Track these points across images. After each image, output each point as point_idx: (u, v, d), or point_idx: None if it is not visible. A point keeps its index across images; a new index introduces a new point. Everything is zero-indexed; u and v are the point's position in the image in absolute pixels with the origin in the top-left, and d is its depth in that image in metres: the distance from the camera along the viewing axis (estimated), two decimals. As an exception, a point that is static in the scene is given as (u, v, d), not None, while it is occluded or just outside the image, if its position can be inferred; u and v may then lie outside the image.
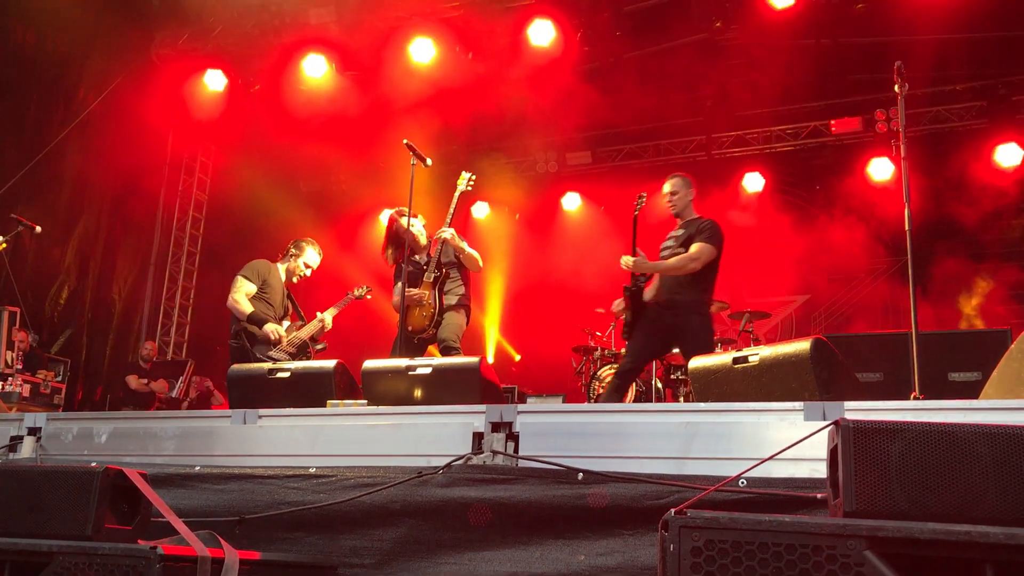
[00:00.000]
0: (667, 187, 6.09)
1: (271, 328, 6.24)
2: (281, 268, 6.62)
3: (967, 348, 4.62)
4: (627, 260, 5.85)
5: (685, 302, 5.78)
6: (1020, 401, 3.06)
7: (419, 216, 6.48)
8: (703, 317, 5.82)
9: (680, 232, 5.99)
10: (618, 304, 6.10)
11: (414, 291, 6.24)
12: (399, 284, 6.25)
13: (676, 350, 6.96)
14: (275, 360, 6.10)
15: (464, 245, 6.30)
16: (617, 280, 6.16)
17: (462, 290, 6.39)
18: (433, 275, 6.26)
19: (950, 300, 10.08)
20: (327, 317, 6.59)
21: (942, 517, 1.98)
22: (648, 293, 6.03)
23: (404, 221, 6.28)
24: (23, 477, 2.79)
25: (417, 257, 6.43)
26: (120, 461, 3.46)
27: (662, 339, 6.03)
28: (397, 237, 6.44)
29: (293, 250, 6.66)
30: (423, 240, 6.43)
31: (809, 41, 9.54)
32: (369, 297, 7.05)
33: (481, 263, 6.44)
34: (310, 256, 6.67)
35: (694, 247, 5.75)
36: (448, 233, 6.22)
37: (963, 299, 10.11)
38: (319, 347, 6.56)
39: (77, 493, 2.66)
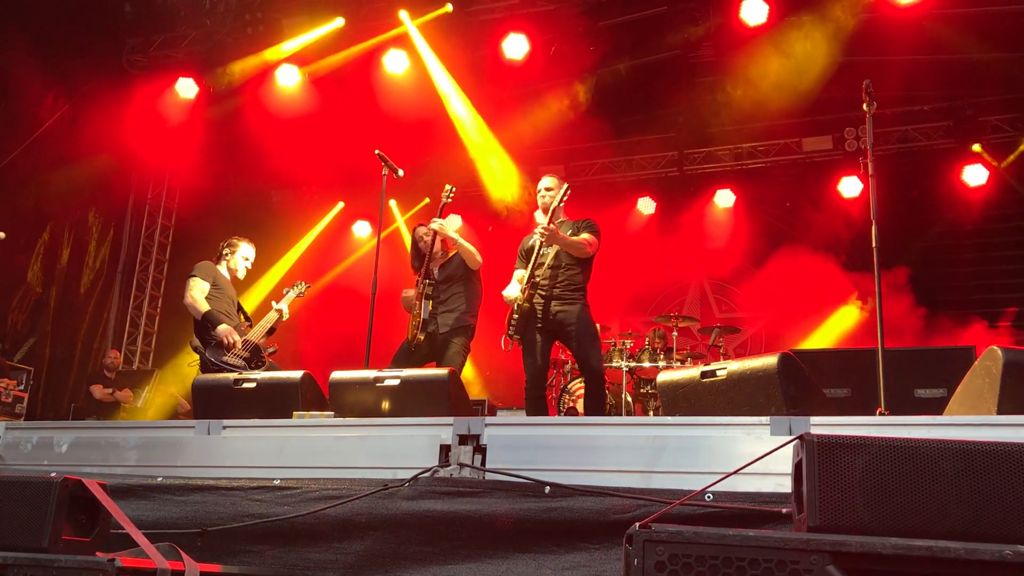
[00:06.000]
0: (543, 183, 6.17)
1: (224, 330, 6.22)
2: (223, 268, 6.71)
3: (933, 365, 4.64)
4: (543, 229, 5.79)
5: (569, 305, 5.89)
6: (983, 417, 3.09)
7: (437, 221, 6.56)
8: (586, 316, 5.93)
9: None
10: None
11: (409, 292, 6.45)
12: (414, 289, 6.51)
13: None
14: (229, 365, 6.11)
15: (456, 237, 6.43)
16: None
17: (463, 306, 6.42)
18: (422, 285, 6.37)
19: (916, 316, 10.18)
20: (283, 306, 6.66)
21: (905, 532, 1.99)
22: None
23: (420, 231, 6.61)
24: (-22, 487, 2.73)
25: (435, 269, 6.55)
26: (81, 471, 3.40)
27: (548, 339, 6.03)
28: (415, 246, 6.69)
29: (227, 249, 6.78)
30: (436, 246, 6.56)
31: (781, 59, 9.62)
32: (304, 293, 7.05)
33: (479, 257, 6.51)
34: (245, 249, 6.80)
35: (585, 235, 5.95)
36: (436, 224, 6.36)
37: (928, 315, 10.22)
38: (271, 350, 6.54)
39: (34, 504, 2.61)
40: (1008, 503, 2.03)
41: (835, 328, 10.86)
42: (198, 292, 6.36)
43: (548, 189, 6.11)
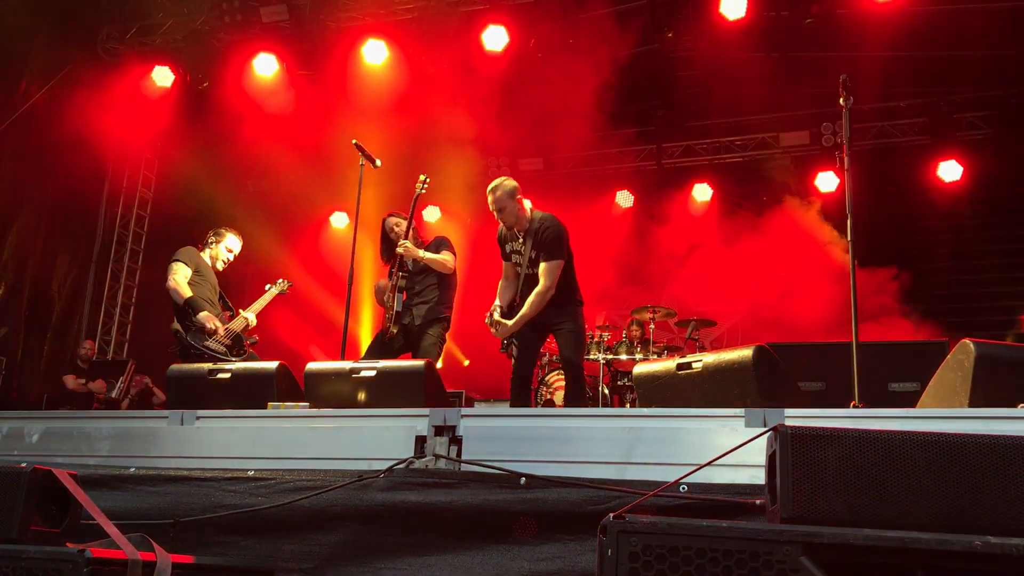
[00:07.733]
0: (492, 204, 5.81)
1: (206, 316, 6.19)
2: (205, 256, 6.67)
3: (907, 359, 4.69)
4: (500, 330, 5.72)
5: (558, 307, 5.79)
6: (955, 410, 3.12)
7: (400, 219, 6.56)
8: (576, 314, 5.91)
9: (521, 243, 5.90)
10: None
11: (383, 282, 6.44)
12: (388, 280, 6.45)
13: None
14: (210, 350, 6.07)
15: (422, 254, 6.30)
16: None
17: (437, 297, 6.40)
18: (396, 277, 6.34)
19: (892, 311, 10.26)
20: (250, 316, 6.58)
21: (877, 523, 2.00)
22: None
23: (391, 221, 6.52)
24: (-54, 477, 2.69)
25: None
26: (52, 462, 3.36)
27: (540, 334, 6.02)
28: (385, 237, 6.59)
29: (213, 237, 6.74)
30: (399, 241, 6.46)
31: (759, 54, 9.66)
32: (286, 291, 7.03)
33: (451, 264, 6.43)
34: (231, 241, 6.76)
35: (541, 273, 5.67)
36: (401, 248, 6.25)
37: (902, 309, 10.30)
38: (251, 340, 6.52)
39: (2, 494, 2.58)
40: (979, 494, 2.05)
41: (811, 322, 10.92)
42: (181, 277, 6.30)
43: (500, 211, 5.83)
